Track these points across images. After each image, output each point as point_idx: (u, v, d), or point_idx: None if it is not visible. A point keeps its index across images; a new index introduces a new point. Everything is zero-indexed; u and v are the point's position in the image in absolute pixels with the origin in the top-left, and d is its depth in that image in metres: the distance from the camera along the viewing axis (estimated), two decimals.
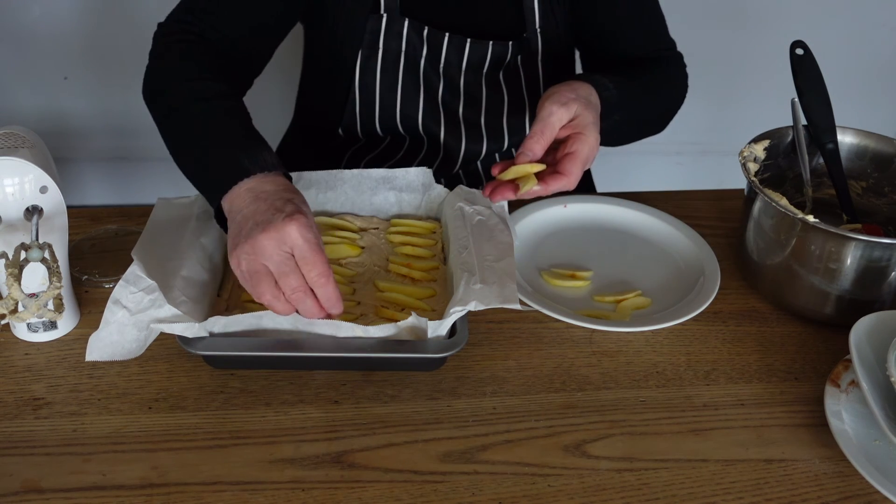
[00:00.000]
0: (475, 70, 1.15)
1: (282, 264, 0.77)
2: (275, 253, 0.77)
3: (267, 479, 0.73)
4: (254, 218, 0.79)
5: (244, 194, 0.82)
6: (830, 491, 0.75)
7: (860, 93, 2.28)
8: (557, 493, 0.74)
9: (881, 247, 0.86)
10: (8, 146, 0.81)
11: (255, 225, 0.78)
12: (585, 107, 0.93)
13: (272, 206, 0.79)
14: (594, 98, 0.96)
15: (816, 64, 1.02)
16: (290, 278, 0.78)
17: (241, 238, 0.79)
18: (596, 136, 0.92)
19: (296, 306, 0.79)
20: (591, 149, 0.92)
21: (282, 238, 0.77)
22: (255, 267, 0.78)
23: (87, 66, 2.12)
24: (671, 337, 0.92)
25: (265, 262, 0.78)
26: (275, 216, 0.78)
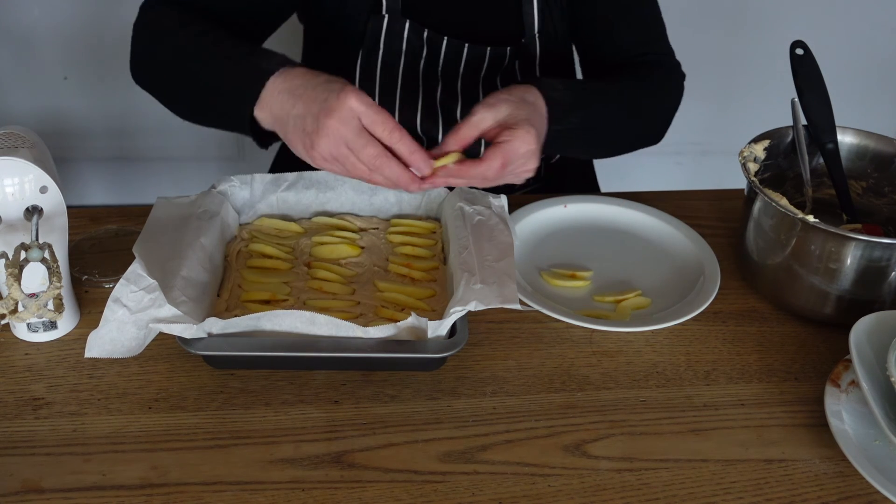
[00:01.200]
0: (473, 74, 1.15)
1: (355, 139, 0.79)
2: (346, 129, 0.79)
3: (267, 479, 0.73)
4: (309, 111, 0.80)
5: (282, 98, 0.83)
6: (830, 491, 0.75)
7: (860, 93, 2.28)
8: (557, 493, 0.74)
9: (881, 247, 0.86)
10: (8, 146, 0.81)
11: (315, 117, 0.80)
12: (517, 106, 0.90)
13: (317, 94, 0.81)
14: (532, 97, 0.93)
15: (816, 64, 1.02)
16: (367, 149, 0.79)
17: (310, 134, 0.80)
18: (528, 132, 0.86)
19: (382, 174, 0.81)
20: (522, 142, 0.86)
21: (345, 113, 0.79)
22: (340, 151, 0.80)
23: (87, 66, 2.12)
24: (671, 337, 0.92)
25: (344, 142, 0.79)
26: (328, 98, 0.80)
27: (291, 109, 0.82)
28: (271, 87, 0.84)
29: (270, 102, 0.84)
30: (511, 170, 0.87)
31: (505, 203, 0.99)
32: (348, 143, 0.80)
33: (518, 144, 0.86)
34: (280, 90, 0.84)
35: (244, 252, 0.96)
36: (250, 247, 0.97)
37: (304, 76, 0.84)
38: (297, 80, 0.84)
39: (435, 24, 1.11)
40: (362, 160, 0.81)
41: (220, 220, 0.95)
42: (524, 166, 0.88)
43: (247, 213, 1.01)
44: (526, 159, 0.88)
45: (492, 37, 1.13)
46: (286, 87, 0.84)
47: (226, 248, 0.96)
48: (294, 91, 0.83)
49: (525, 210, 1.07)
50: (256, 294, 0.90)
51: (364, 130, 0.80)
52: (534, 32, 1.13)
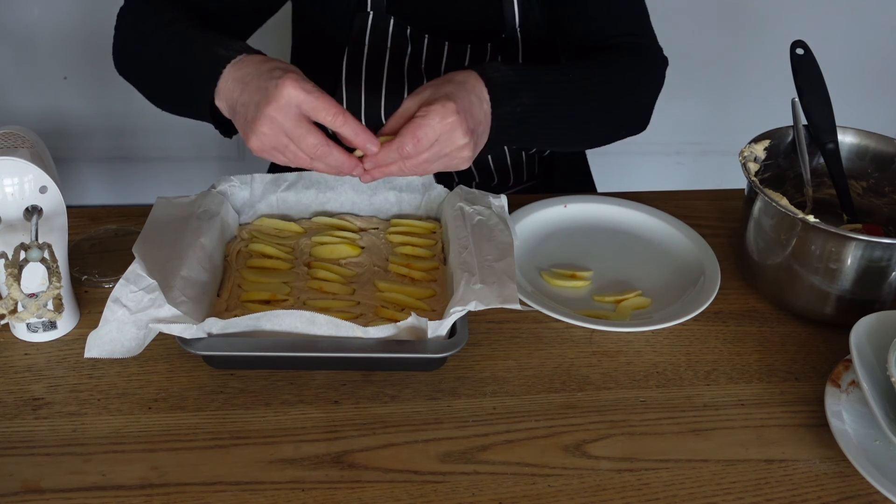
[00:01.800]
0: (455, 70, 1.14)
1: (295, 128, 0.78)
2: (285, 118, 0.77)
3: (267, 479, 0.73)
4: (251, 99, 0.79)
5: (232, 85, 0.82)
6: (831, 491, 0.75)
7: (860, 93, 2.28)
8: (557, 493, 0.74)
9: (881, 247, 0.86)
10: (8, 146, 0.81)
11: (256, 105, 0.78)
12: (439, 86, 0.86)
13: (260, 82, 0.79)
14: (463, 77, 0.87)
15: (817, 64, 1.02)
16: (307, 138, 0.78)
17: (250, 122, 0.79)
18: (443, 105, 0.82)
19: (324, 162, 0.80)
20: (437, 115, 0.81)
21: (284, 101, 0.77)
22: (278, 140, 0.79)
23: (87, 66, 2.12)
24: (671, 337, 0.92)
25: (282, 130, 0.78)
26: (268, 87, 0.78)
27: (239, 97, 0.82)
28: (226, 75, 0.83)
29: (224, 91, 0.83)
30: (437, 150, 0.83)
31: (505, 203, 0.98)
32: (288, 132, 0.79)
33: (432, 118, 0.81)
34: (233, 78, 0.83)
35: (244, 252, 0.96)
36: (250, 247, 0.97)
37: (255, 64, 0.83)
38: (248, 68, 0.82)
39: (418, 21, 1.11)
40: (303, 149, 0.79)
41: (220, 220, 0.95)
42: (451, 142, 0.83)
43: (247, 213, 1.01)
44: (449, 133, 0.82)
45: (473, 33, 1.13)
46: (238, 76, 0.83)
47: (226, 248, 0.96)
48: (243, 79, 0.82)
49: (525, 210, 1.07)
50: (256, 294, 0.90)
51: (304, 119, 0.79)
52: (514, 26, 1.13)
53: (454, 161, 0.85)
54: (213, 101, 0.85)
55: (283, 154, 0.80)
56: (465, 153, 0.85)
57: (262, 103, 0.78)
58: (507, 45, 1.14)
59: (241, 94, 0.81)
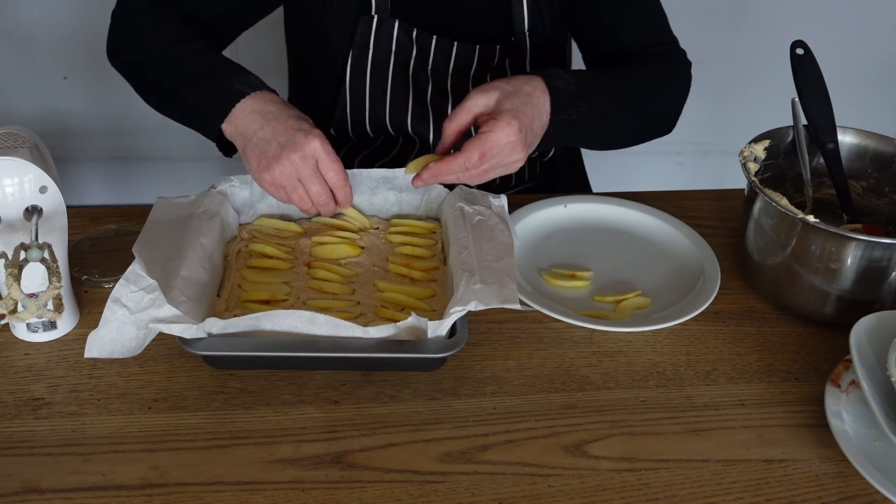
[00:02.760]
0: (462, 72, 1.15)
1: (310, 176, 0.89)
2: (304, 167, 0.88)
3: (267, 479, 0.73)
4: (276, 139, 0.89)
5: (251, 116, 0.90)
6: (831, 491, 0.75)
7: (860, 93, 2.28)
8: (557, 494, 0.74)
9: (881, 247, 0.86)
10: (8, 146, 0.81)
11: (281, 146, 0.88)
12: (509, 95, 0.90)
13: (288, 126, 0.89)
14: (531, 87, 0.92)
15: (817, 64, 1.02)
16: (316, 186, 0.90)
17: (270, 159, 0.88)
18: (509, 123, 0.87)
19: (321, 208, 0.92)
20: (503, 133, 0.87)
21: (308, 153, 0.88)
22: (292, 183, 0.89)
23: (87, 66, 2.12)
24: (671, 337, 0.92)
25: (297, 175, 0.89)
26: (297, 136, 0.88)
27: (259, 130, 0.90)
28: (242, 107, 0.91)
29: (238, 119, 0.91)
30: (496, 162, 0.89)
31: (505, 203, 0.98)
32: (302, 177, 0.89)
33: (499, 135, 0.88)
34: (251, 109, 0.91)
35: (244, 252, 0.96)
36: (250, 247, 0.97)
37: (277, 104, 0.92)
38: (270, 106, 0.91)
39: (424, 24, 1.11)
40: (310, 195, 0.91)
41: (220, 220, 0.95)
42: (509, 157, 0.90)
43: (247, 212, 1.01)
44: (510, 150, 0.89)
45: (481, 35, 1.13)
46: (257, 108, 0.91)
47: (226, 248, 0.96)
48: (265, 114, 0.90)
49: (525, 210, 1.07)
50: (256, 294, 0.90)
51: (318, 170, 0.90)
52: (524, 30, 1.13)
53: (507, 170, 0.92)
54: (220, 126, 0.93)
55: (288, 193, 0.90)
56: (518, 163, 0.92)
57: (287, 147, 0.88)
58: (516, 48, 1.14)
59: (262, 129, 0.90)
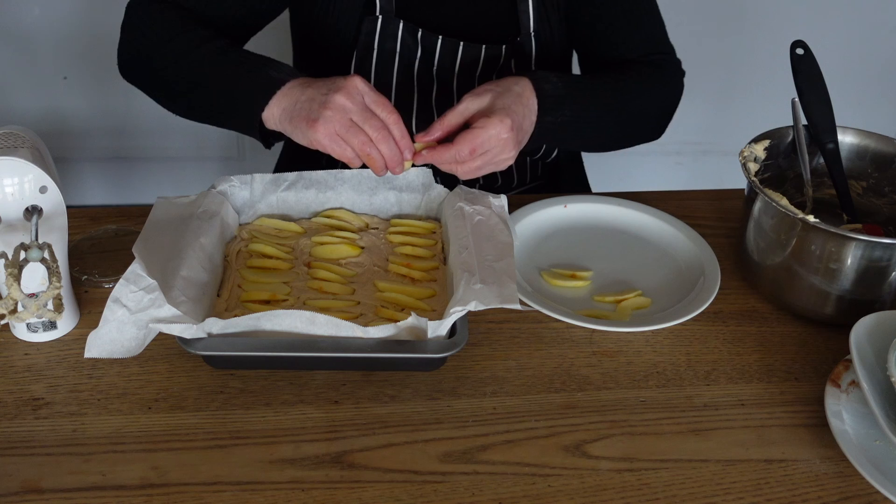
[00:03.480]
0: (468, 72, 1.15)
1: (361, 112, 0.87)
2: (353, 104, 0.87)
3: (267, 479, 0.73)
4: (317, 94, 0.88)
5: (290, 92, 0.91)
6: (831, 491, 0.75)
7: (860, 93, 2.28)
8: (557, 494, 0.74)
9: (881, 247, 0.86)
10: (8, 146, 0.81)
11: (324, 94, 0.87)
12: (500, 95, 0.93)
13: (325, 82, 0.89)
14: (520, 88, 0.95)
15: (817, 64, 1.02)
16: (372, 121, 0.87)
17: (316, 109, 0.87)
18: (502, 120, 0.90)
19: (380, 146, 0.88)
20: (494, 129, 0.89)
21: (354, 91, 0.87)
22: (343, 123, 0.86)
23: (87, 66, 2.13)
24: (671, 337, 0.92)
25: (348, 114, 0.86)
26: (336, 81, 0.88)
27: (300, 96, 0.89)
28: (280, 92, 0.91)
29: (279, 100, 0.91)
30: (487, 159, 0.91)
31: (505, 203, 0.99)
32: (353, 115, 0.86)
33: (490, 132, 0.89)
34: (291, 86, 0.91)
35: (244, 252, 0.96)
36: (250, 247, 0.97)
37: (312, 78, 0.92)
38: (307, 80, 0.91)
39: (428, 24, 1.11)
40: (367, 131, 0.87)
41: (220, 220, 0.95)
42: (500, 154, 0.91)
43: (247, 213, 1.01)
44: (501, 147, 0.91)
45: (486, 35, 1.13)
46: (295, 85, 0.91)
47: (226, 248, 0.96)
48: (304, 84, 0.90)
49: (525, 210, 1.07)
50: (256, 294, 0.90)
51: (367, 107, 0.87)
52: (529, 31, 1.13)
53: (497, 167, 0.93)
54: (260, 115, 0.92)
55: (345, 138, 0.87)
56: (508, 161, 0.93)
57: (331, 92, 0.87)
58: (521, 49, 1.14)
59: (301, 94, 0.89)
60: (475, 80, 1.15)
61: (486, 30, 1.13)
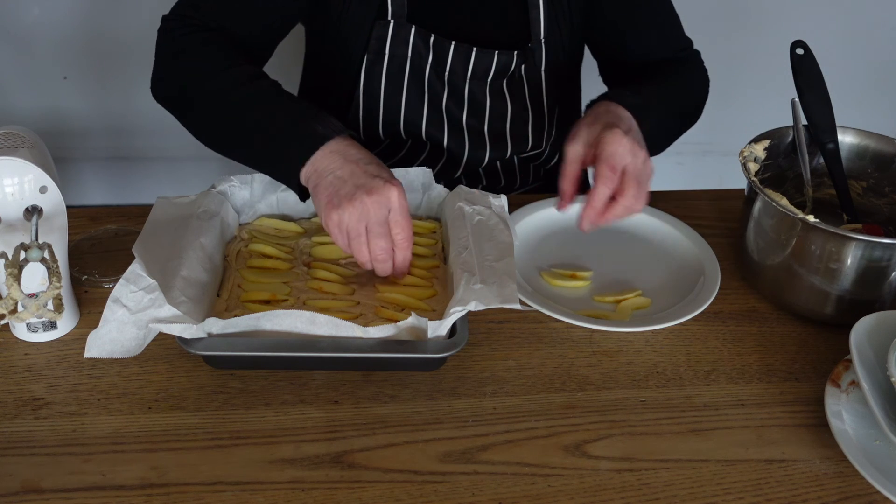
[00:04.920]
0: (480, 79, 1.15)
1: (378, 226, 0.85)
2: (376, 215, 0.84)
3: (267, 479, 0.73)
4: (352, 180, 0.85)
5: (331, 157, 0.87)
6: (831, 491, 0.75)
7: (860, 93, 2.28)
8: (557, 494, 0.74)
9: (881, 247, 0.86)
10: (8, 146, 0.81)
11: (357, 187, 0.84)
12: (592, 123, 0.95)
13: (367, 171, 0.86)
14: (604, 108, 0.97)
15: (817, 64, 1.02)
16: (382, 240, 0.85)
17: (342, 198, 0.84)
18: (612, 131, 0.91)
19: (377, 265, 0.87)
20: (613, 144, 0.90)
21: (384, 201, 0.84)
22: (358, 228, 0.85)
23: (87, 66, 2.12)
24: (671, 337, 0.92)
25: (366, 222, 0.84)
26: (375, 181, 0.84)
27: (336, 169, 0.86)
28: (323, 150, 0.88)
29: (318, 159, 0.88)
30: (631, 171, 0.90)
31: (505, 203, 0.98)
32: (370, 225, 0.85)
33: (612, 146, 0.90)
34: (332, 150, 0.88)
35: (244, 252, 0.96)
36: (250, 247, 0.97)
37: (359, 148, 0.89)
38: (352, 150, 0.88)
39: (440, 29, 1.11)
40: (371, 247, 0.86)
41: (220, 220, 0.95)
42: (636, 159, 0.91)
43: (247, 213, 1.01)
44: (631, 153, 0.90)
45: (497, 41, 1.13)
46: (339, 150, 0.88)
47: (226, 248, 0.96)
48: (346, 156, 0.87)
49: (525, 210, 1.07)
50: (256, 294, 0.90)
51: (386, 223, 0.85)
52: (540, 38, 1.14)
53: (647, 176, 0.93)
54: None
55: (350, 238, 0.86)
56: (648, 163, 0.93)
57: (362, 189, 0.84)
58: (532, 55, 1.15)
59: (340, 168, 0.86)
60: (487, 86, 1.16)
61: (498, 36, 1.14)
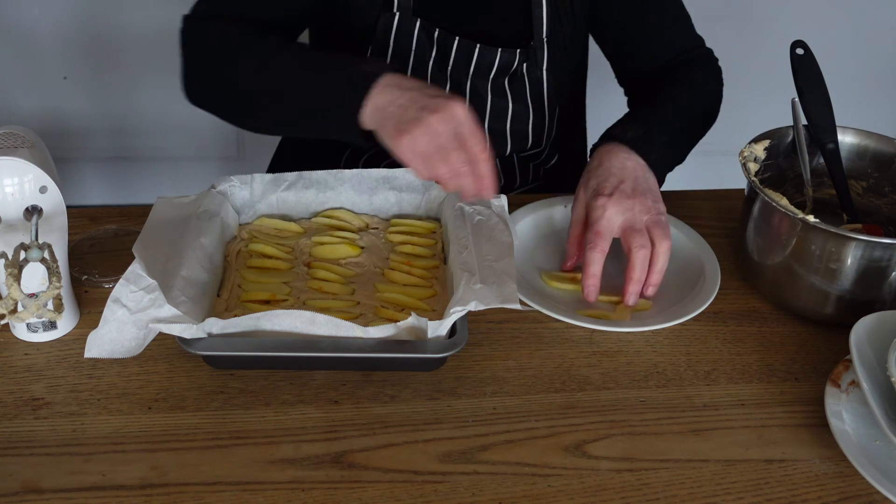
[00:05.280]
0: (482, 75, 1.15)
1: (451, 140, 0.83)
2: (446, 131, 0.83)
3: (267, 479, 0.73)
4: (414, 105, 0.84)
5: (387, 90, 0.87)
6: (831, 491, 0.75)
7: (860, 93, 2.28)
8: (557, 494, 0.74)
9: (881, 247, 0.86)
10: (8, 146, 0.81)
11: (421, 109, 0.83)
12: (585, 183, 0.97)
13: (426, 93, 0.85)
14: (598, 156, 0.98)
15: (817, 64, 1.02)
16: (459, 153, 0.84)
17: (408, 123, 0.83)
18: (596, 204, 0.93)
19: (460, 180, 0.85)
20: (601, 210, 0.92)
21: (450, 117, 0.83)
22: (431, 148, 0.83)
23: (87, 66, 2.12)
24: (671, 337, 0.92)
25: (437, 140, 0.83)
26: (436, 100, 0.84)
27: (396, 99, 0.86)
28: (378, 86, 0.87)
29: (374, 97, 0.87)
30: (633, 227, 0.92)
31: (505, 203, 0.98)
32: (442, 142, 0.83)
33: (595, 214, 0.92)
34: (387, 84, 0.87)
35: (244, 252, 0.96)
36: (250, 247, 0.97)
37: (415, 80, 0.88)
38: (407, 81, 0.88)
39: (445, 24, 1.11)
40: (450, 161, 0.84)
41: (220, 220, 0.95)
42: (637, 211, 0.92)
43: (247, 213, 1.01)
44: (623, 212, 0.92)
45: (501, 39, 1.14)
46: (394, 83, 0.87)
47: (226, 248, 0.96)
48: (403, 86, 0.87)
49: (525, 210, 1.07)
50: (256, 294, 0.90)
51: (458, 137, 0.84)
52: (542, 37, 1.14)
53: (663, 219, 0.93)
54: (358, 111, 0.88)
55: (427, 159, 0.84)
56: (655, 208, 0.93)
57: (425, 110, 0.83)
58: (534, 54, 1.15)
59: (400, 97, 0.86)
60: (489, 83, 1.16)
61: (502, 34, 1.14)
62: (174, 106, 2.17)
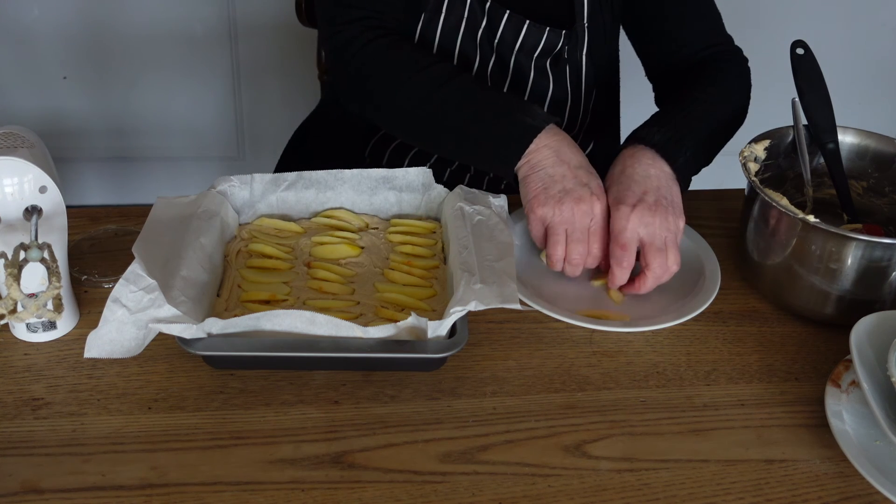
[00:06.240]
0: (526, 53, 1.17)
1: (578, 233, 0.92)
2: (580, 223, 0.92)
3: (267, 479, 0.73)
4: (562, 183, 0.93)
5: (544, 151, 0.94)
6: (831, 491, 0.75)
7: (860, 93, 2.28)
8: (557, 494, 0.74)
9: (882, 247, 0.86)
10: (7, 146, 0.81)
11: (566, 192, 0.92)
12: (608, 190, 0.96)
13: (577, 175, 0.93)
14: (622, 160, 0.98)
15: (817, 64, 1.02)
16: (580, 246, 0.93)
17: (550, 197, 0.92)
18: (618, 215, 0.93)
19: (570, 269, 0.94)
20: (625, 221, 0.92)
21: (588, 211, 0.92)
22: (559, 228, 0.92)
23: (87, 66, 2.12)
24: (671, 337, 0.92)
25: (568, 225, 0.92)
26: (583, 190, 0.92)
27: (549, 167, 0.93)
28: (537, 141, 0.94)
29: (533, 152, 0.94)
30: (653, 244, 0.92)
31: (505, 203, 0.98)
32: (570, 232, 0.92)
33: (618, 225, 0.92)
34: (545, 145, 0.94)
35: (244, 252, 0.96)
36: (250, 247, 0.97)
37: (570, 144, 0.96)
38: (564, 147, 0.95)
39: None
40: (569, 250, 0.92)
41: (220, 220, 0.95)
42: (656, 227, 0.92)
43: (246, 212, 1.01)
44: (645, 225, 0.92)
45: (549, 19, 1.16)
46: (551, 144, 0.95)
47: (225, 248, 0.96)
48: (559, 153, 0.94)
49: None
50: (256, 294, 0.90)
51: (587, 231, 0.92)
52: (583, 22, 1.16)
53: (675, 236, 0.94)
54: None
55: (550, 234, 0.93)
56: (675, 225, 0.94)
57: (571, 196, 0.92)
58: (575, 37, 1.17)
59: (552, 167, 0.93)
60: (532, 61, 1.17)
61: (550, 13, 1.16)
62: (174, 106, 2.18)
